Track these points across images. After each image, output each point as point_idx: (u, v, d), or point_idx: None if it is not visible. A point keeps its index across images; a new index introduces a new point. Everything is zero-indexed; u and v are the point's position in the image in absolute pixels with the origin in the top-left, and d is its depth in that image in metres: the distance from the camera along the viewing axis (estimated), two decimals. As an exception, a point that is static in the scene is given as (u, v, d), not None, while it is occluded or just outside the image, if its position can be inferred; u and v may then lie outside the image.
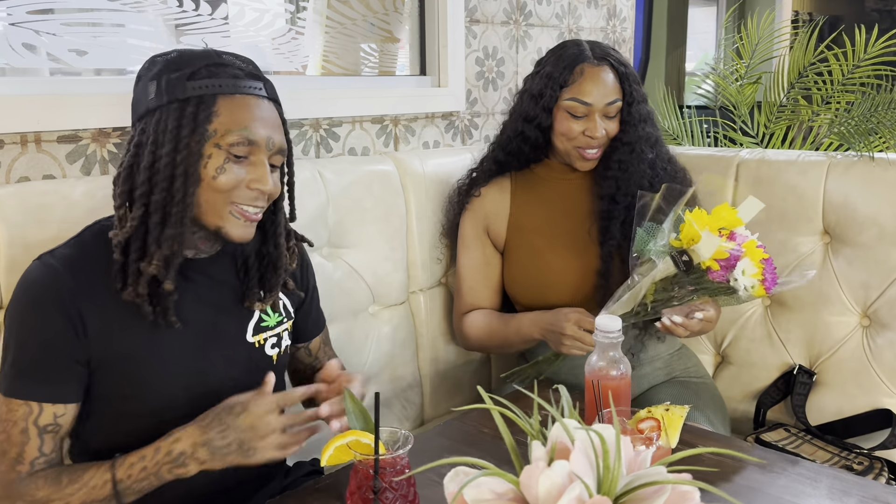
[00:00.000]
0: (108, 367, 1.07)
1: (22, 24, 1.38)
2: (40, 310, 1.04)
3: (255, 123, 1.06)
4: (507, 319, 1.65)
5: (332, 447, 0.97)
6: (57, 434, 1.06)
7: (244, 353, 1.18)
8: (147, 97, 1.06)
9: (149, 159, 1.04)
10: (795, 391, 1.71)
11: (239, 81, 1.07)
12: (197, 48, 1.12)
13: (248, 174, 1.07)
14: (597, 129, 1.57)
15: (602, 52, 1.60)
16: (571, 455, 0.64)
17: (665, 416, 1.11)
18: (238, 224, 1.08)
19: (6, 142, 1.33)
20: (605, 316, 1.26)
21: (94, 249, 1.08)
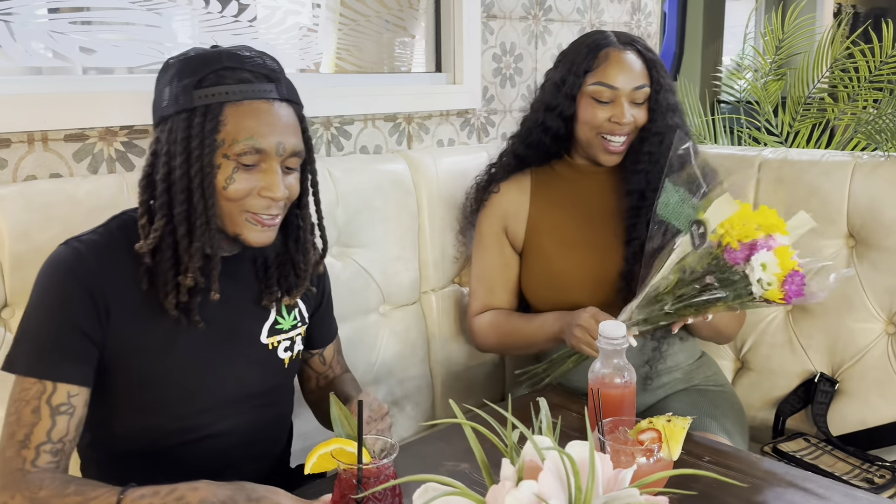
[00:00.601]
0: (123, 356, 1.07)
1: (34, 22, 1.39)
2: (65, 289, 1.04)
3: (263, 130, 1.04)
4: (529, 317, 1.61)
5: (316, 455, 0.95)
6: (70, 417, 1.03)
7: (257, 354, 1.18)
8: (161, 104, 1.07)
9: (164, 170, 1.05)
10: (816, 400, 1.66)
11: (247, 86, 1.04)
12: (210, 49, 1.10)
13: (259, 182, 1.05)
14: (624, 114, 1.51)
15: (627, 39, 1.56)
16: (540, 475, 0.61)
17: (666, 428, 1.08)
18: (255, 230, 1.08)
19: (13, 140, 1.34)
20: (609, 322, 1.22)
21: (119, 240, 1.08)
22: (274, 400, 1.22)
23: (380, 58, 1.94)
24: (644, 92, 1.53)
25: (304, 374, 1.38)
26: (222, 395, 1.14)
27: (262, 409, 1.21)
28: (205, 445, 1.14)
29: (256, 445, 1.21)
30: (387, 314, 1.76)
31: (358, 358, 1.69)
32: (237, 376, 1.15)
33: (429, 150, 1.89)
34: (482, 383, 1.95)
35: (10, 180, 1.35)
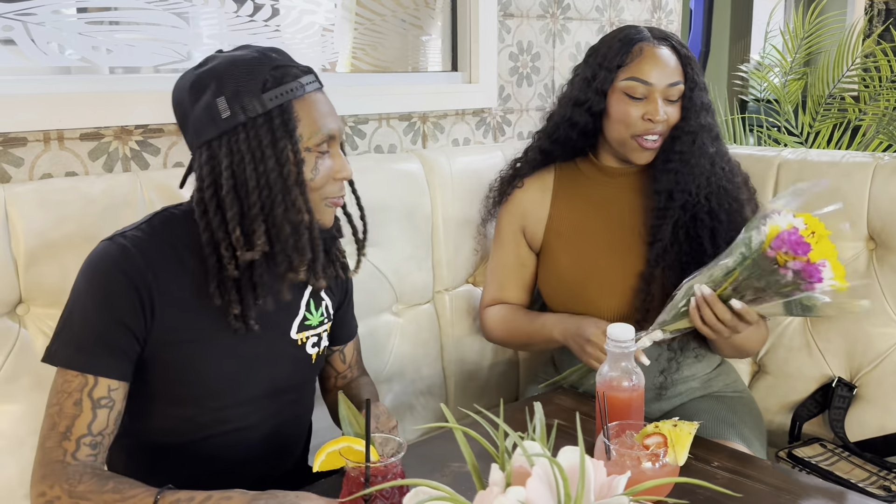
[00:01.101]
0: (163, 351, 1.09)
1: (47, 23, 1.41)
2: (112, 282, 1.05)
3: (328, 118, 1.11)
4: (532, 317, 1.60)
5: (325, 453, 0.96)
6: (110, 411, 1.04)
7: (288, 349, 1.21)
8: (219, 115, 1.05)
9: (253, 178, 1.05)
10: (834, 405, 1.63)
11: (301, 80, 1.09)
12: (247, 53, 1.10)
13: (332, 166, 1.12)
14: (658, 110, 1.46)
15: (662, 34, 1.52)
16: (528, 481, 0.61)
17: (672, 433, 1.06)
18: (331, 213, 1.16)
19: (29, 139, 1.36)
20: (617, 325, 1.21)
21: (163, 236, 1.10)
22: (299, 396, 1.25)
23: (395, 57, 1.94)
24: (678, 89, 1.48)
25: (324, 372, 1.39)
26: (254, 389, 1.16)
27: (288, 406, 1.23)
28: (232, 438, 1.16)
29: (280, 440, 1.23)
30: (400, 313, 1.76)
31: (370, 357, 1.69)
32: (269, 371, 1.17)
33: (443, 150, 1.89)
34: (496, 383, 1.95)
35: (26, 178, 1.37)
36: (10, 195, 1.27)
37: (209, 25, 1.61)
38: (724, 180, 1.50)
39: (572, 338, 1.47)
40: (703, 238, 1.46)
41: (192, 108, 1.08)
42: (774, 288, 1.21)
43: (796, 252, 1.16)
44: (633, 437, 1.09)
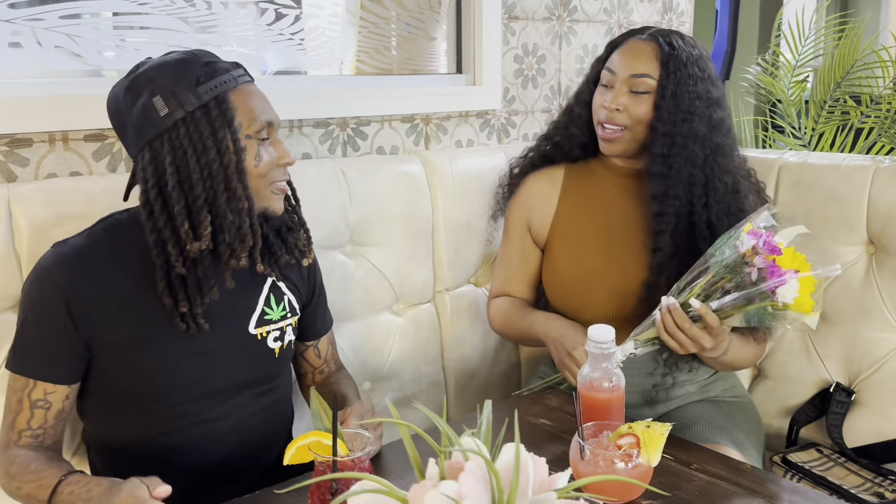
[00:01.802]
0: (111, 352, 1.14)
1: (55, 28, 1.46)
2: (42, 296, 1.12)
3: (264, 106, 1.16)
4: (525, 313, 1.61)
5: (295, 447, 0.98)
6: (47, 411, 1.13)
7: (246, 345, 1.23)
8: (156, 115, 1.09)
9: (196, 169, 1.09)
10: (831, 410, 1.62)
11: (232, 73, 1.14)
12: (176, 54, 1.14)
13: (275, 152, 1.16)
14: (614, 99, 1.46)
15: (660, 33, 1.50)
16: (460, 475, 0.63)
17: (645, 434, 1.07)
18: (278, 199, 1.19)
19: (35, 140, 1.41)
20: (597, 326, 1.22)
21: (104, 242, 1.15)
22: (268, 388, 1.27)
23: (399, 60, 1.97)
24: (645, 82, 1.46)
25: (300, 368, 1.42)
26: (213, 385, 1.19)
27: (257, 398, 1.25)
28: (197, 433, 1.19)
29: (252, 431, 1.25)
30: (400, 313, 1.78)
31: (369, 355, 1.72)
32: (227, 367, 1.20)
33: (445, 151, 1.91)
34: (497, 383, 1.96)
35: (31, 178, 1.42)
36: (14, 194, 1.32)
37: (209, 27, 1.65)
38: (726, 196, 1.46)
39: (553, 344, 1.48)
40: (703, 250, 1.41)
41: (129, 113, 1.11)
42: (741, 289, 1.21)
43: (766, 250, 1.17)
44: (606, 438, 1.10)
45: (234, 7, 1.65)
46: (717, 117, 1.49)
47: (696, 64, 1.48)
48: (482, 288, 1.90)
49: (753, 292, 1.20)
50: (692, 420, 1.52)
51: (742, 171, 1.53)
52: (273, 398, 1.28)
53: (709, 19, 4.98)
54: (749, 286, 1.21)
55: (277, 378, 1.29)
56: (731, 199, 1.47)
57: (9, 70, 1.43)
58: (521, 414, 1.37)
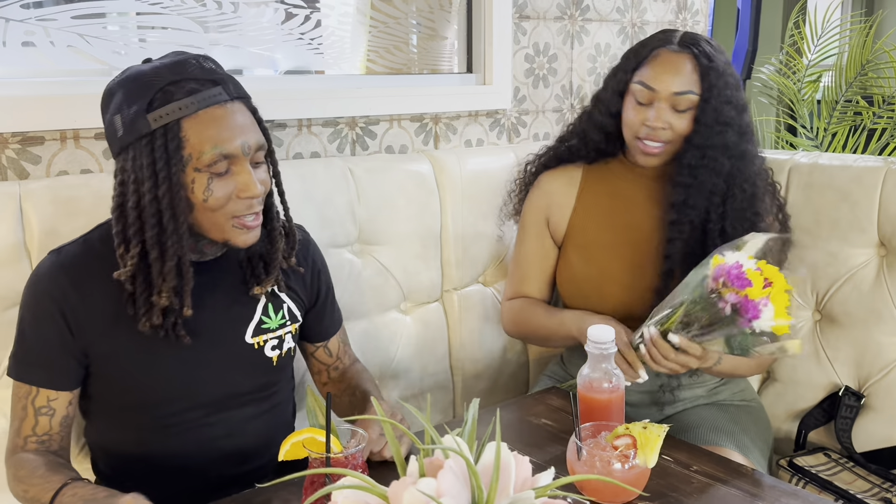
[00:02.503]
0: (104, 361, 1.14)
1: (68, 28, 1.48)
2: (39, 303, 1.13)
3: (225, 135, 1.06)
4: (551, 313, 1.59)
5: (289, 443, 0.99)
6: (52, 417, 1.14)
7: (243, 354, 1.22)
8: (116, 133, 1.08)
9: (134, 198, 1.06)
10: (840, 414, 1.60)
11: (198, 96, 1.05)
12: (149, 67, 1.09)
13: (235, 185, 1.08)
14: (658, 118, 1.43)
15: (690, 41, 1.47)
16: (439, 473, 0.63)
17: (641, 435, 1.07)
18: (242, 233, 1.11)
19: (46, 138, 1.43)
20: (597, 326, 1.22)
21: (99, 251, 1.14)
22: (265, 396, 1.26)
23: (409, 59, 1.97)
24: (688, 99, 1.44)
25: (313, 367, 1.42)
26: (208, 395, 1.19)
27: (255, 406, 1.24)
28: (196, 438, 1.19)
29: (251, 438, 1.25)
30: (407, 312, 1.79)
31: (376, 354, 1.72)
32: (222, 377, 1.20)
33: (454, 151, 1.91)
34: (505, 383, 1.96)
35: (43, 175, 1.44)
36: (24, 191, 1.34)
37: (222, 27, 1.66)
38: (745, 203, 1.45)
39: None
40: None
41: (103, 121, 1.12)
42: (717, 323, 1.20)
43: (735, 285, 1.15)
44: (603, 438, 1.10)
45: (244, 7, 1.67)
46: (745, 122, 1.48)
47: (728, 71, 1.46)
48: (491, 287, 1.90)
49: (731, 329, 1.19)
50: (697, 423, 1.51)
51: (762, 174, 1.52)
52: (271, 404, 1.28)
53: (730, 18, 4.93)
54: (724, 321, 1.19)
55: (276, 385, 1.28)
56: (748, 206, 1.45)
57: (22, 69, 1.45)
58: (523, 414, 1.37)
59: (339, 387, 1.39)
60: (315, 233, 1.53)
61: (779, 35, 5.27)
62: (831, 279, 1.63)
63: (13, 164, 1.41)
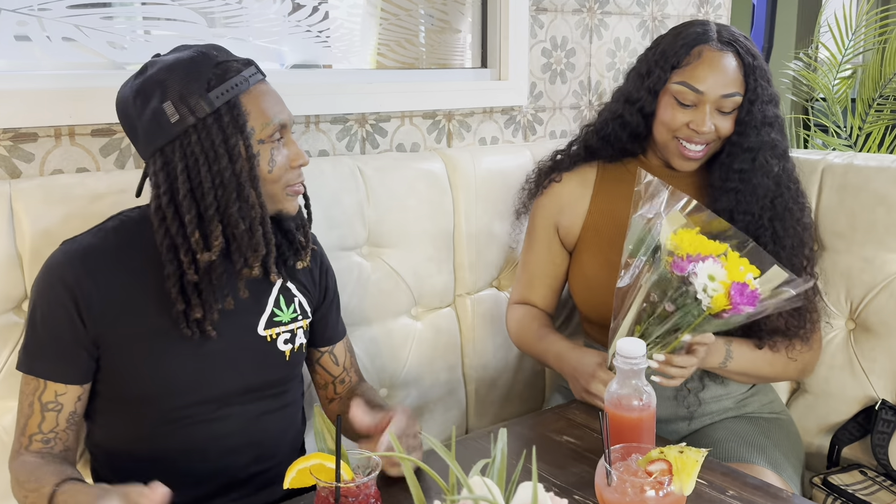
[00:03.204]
0: (115, 350, 1.11)
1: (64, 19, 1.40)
2: (51, 294, 1.09)
3: (277, 108, 1.11)
4: (541, 336, 1.53)
5: (296, 469, 0.91)
6: (59, 413, 1.10)
7: (256, 347, 1.19)
8: (167, 120, 1.05)
9: (209, 178, 1.06)
10: (877, 429, 1.51)
11: (244, 74, 1.09)
12: (185, 54, 1.09)
13: (288, 154, 1.13)
14: (704, 121, 1.37)
15: (730, 37, 1.39)
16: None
17: (678, 460, 0.98)
18: (294, 201, 1.16)
19: (40, 135, 1.36)
20: (628, 339, 1.13)
21: (114, 242, 1.13)
22: (278, 392, 1.23)
23: (422, 53, 1.89)
24: (734, 101, 1.37)
25: (318, 380, 1.37)
26: (221, 387, 1.15)
27: (266, 402, 1.21)
28: (204, 434, 1.16)
29: (260, 436, 1.21)
30: (418, 317, 1.72)
31: (386, 361, 1.65)
32: (235, 369, 1.16)
33: (468, 149, 1.83)
34: (520, 392, 1.88)
35: (36, 174, 1.37)
36: (16, 190, 1.27)
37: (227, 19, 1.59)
38: (791, 201, 1.40)
39: (572, 378, 1.40)
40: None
41: (139, 118, 1.07)
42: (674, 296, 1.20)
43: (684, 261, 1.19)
44: (635, 463, 1.02)
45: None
46: (781, 117, 1.43)
47: (765, 66, 1.40)
48: (505, 292, 1.83)
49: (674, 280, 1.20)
50: (726, 437, 1.44)
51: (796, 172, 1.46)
52: (283, 402, 1.24)
53: (745, 14, 4.84)
54: (674, 287, 1.20)
55: (288, 383, 1.25)
56: (794, 204, 1.40)
57: (14, 61, 1.38)
58: (543, 430, 1.29)
59: (349, 403, 1.31)
60: (322, 235, 1.46)
61: (794, 31, 5.18)
62: (867, 286, 1.55)
63: (4, 162, 1.33)
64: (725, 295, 1.17)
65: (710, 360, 1.37)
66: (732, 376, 1.44)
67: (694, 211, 1.29)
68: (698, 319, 1.20)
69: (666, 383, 1.28)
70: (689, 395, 1.48)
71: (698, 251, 1.20)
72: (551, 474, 1.14)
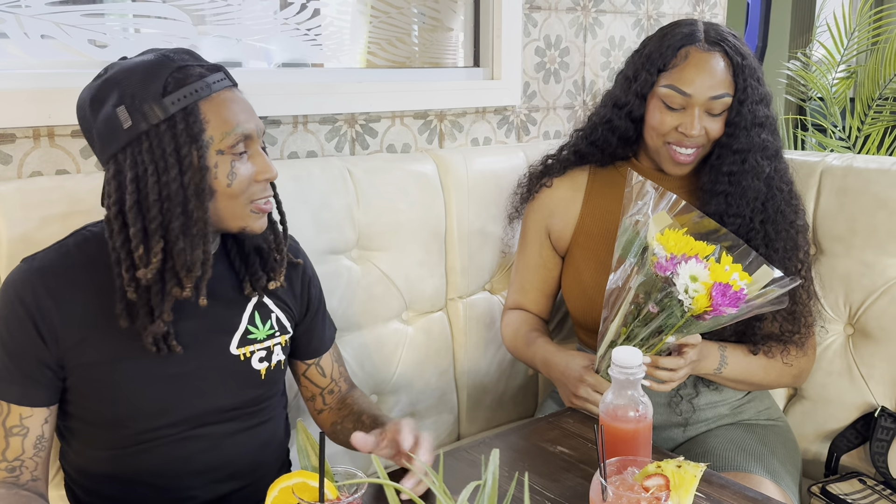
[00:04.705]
0: (81, 372, 1.06)
1: (42, 16, 1.36)
2: (11, 314, 1.04)
3: (242, 116, 1.04)
4: (530, 340, 1.51)
5: (277, 488, 0.87)
6: (24, 438, 1.05)
7: (227, 366, 1.14)
8: (121, 126, 1.00)
9: (155, 189, 0.99)
10: (876, 437, 1.49)
11: (207, 80, 1.02)
12: (147, 58, 1.03)
13: (253, 167, 1.06)
14: (693, 125, 1.34)
15: (717, 37, 1.36)
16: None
17: (675, 475, 0.95)
18: (259, 218, 1.09)
19: (18, 136, 1.32)
20: (623, 348, 1.10)
21: (76, 258, 1.07)
22: (252, 412, 1.17)
23: (413, 52, 1.85)
24: (723, 102, 1.34)
25: (305, 392, 1.33)
26: (192, 409, 1.10)
27: (243, 422, 1.16)
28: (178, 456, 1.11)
29: (238, 458, 1.16)
30: (409, 321, 1.68)
31: (376, 366, 1.62)
32: (207, 390, 1.11)
33: (460, 150, 1.79)
34: (512, 397, 1.85)
35: (14, 176, 1.32)
36: (-8, 194, 1.23)
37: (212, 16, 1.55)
38: (783, 203, 1.37)
39: (560, 383, 1.38)
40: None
41: (94, 122, 1.02)
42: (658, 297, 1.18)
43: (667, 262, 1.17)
44: (632, 477, 0.98)
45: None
46: (772, 118, 1.39)
47: (755, 65, 1.36)
48: (498, 295, 1.80)
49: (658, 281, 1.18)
50: (723, 445, 1.41)
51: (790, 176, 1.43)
52: (260, 419, 1.18)
53: (740, 14, 4.82)
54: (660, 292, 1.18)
55: (266, 401, 1.19)
56: (787, 206, 1.37)
57: (-9, 60, 1.34)
58: (536, 440, 1.26)
59: (340, 414, 1.28)
60: (311, 238, 1.42)
61: (787, 31, 5.16)
62: (866, 291, 1.52)
63: (-20, 164, 1.29)
64: (707, 296, 1.14)
65: (704, 367, 1.34)
66: (727, 383, 1.42)
67: (683, 211, 1.26)
68: (681, 321, 1.18)
69: (657, 388, 1.26)
70: (682, 401, 1.45)
71: (684, 251, 1.17)
72: (545, 487, 1.11)
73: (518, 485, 0.90)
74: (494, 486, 0.61)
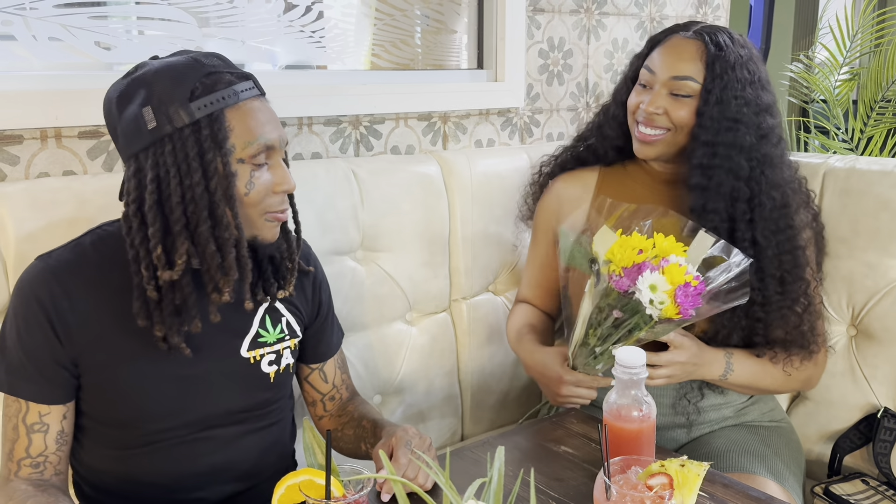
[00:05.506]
0: (94, 372, 1.06)
1: (50, 18, 1.37)
2: (27, 312, 1.04)
3: (266, 127, 1.04)
4: (520, 336, 1.53)
5: (284, 486, 0.88)
6: (45, 434, 1.06)
7: (237, 369, 1.14)
8: (145, 126, 1.00)
9: (178, 192, 1.00)
10: (879, 437, 1.49)
11: (235, 88, 1.03)
12: (178, 59, 1.04)
13: (272, 178, 1.06)
14: (653, 102, 1.35)
15: (706, 29, 1.37)
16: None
17: (679, 474, 0.96)
18: (272, 227, 1.09)
19: (25, 137, 1.33)
20: (627, 348, 1.11)
21: (92, 257, 1.08)
22: (263, 414, 1.18)
23: (417, 54, 1.86)
24: (688, 85, 1.34)
25: (307, 397, 1.33)
26: (202, 410, 1.11)
27: (251, 424, 1.16)
28: (186, 458, 1.11)
29: (246, 461, 1.16)
30: (413, 322, 1.69)
31: (380, 368, 1.62)
32: (216, 392, 1.12)
33: (464, 151, 1.80)
34: (516, 397, 1.86)
35: (21, 177, 1.33)
36: (0, 194, 1.23)
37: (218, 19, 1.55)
38: (773, 212, 1.35)
39: (542, 383, 1.39)
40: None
41: (119, 119, 1.02)
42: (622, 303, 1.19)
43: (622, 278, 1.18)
44: (635, 477, 0.99)
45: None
46: (767, 125, 1.36)
47: (746, 66, 1.34)
48: (501, 297, 1.80)
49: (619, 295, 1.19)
50: (727, 446, 1.41)
51: (793, 184, 1.41)
52: (268, 422, 1.19)
53: (743, 16, 4.82)
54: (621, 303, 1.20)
55: (274, 404, 1.19)
56: (780, 216, 1.35)
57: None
58: (541, 440, 1.26)
59: (340, 421, 1.29)
60: (315, 239, 1.43)
61: (790, 33, 5.16)
62: (869, 292, 1.53)
63: (-12, 165, 1.30)
64: (673, 304, 1.15)
65: (709, 373, 1.35)
66: (734, 388, 1.42)
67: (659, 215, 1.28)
68: (650, 324, 1.19)
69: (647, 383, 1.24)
70: (687, 404, 1.45)
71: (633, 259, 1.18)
72: (549, 486, 1.12)
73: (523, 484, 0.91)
74: (500, 482, 0.62)
